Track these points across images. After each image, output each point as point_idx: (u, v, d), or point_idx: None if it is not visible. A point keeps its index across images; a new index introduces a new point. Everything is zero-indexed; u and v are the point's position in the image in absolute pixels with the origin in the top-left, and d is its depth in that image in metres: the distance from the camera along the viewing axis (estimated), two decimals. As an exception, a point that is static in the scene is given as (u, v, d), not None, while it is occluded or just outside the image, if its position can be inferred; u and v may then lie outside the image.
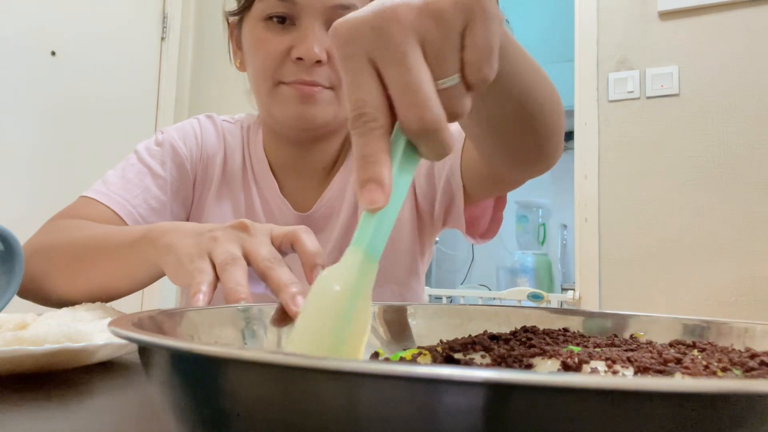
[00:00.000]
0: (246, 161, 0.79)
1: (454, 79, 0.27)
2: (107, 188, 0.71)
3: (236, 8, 0.72)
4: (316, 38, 0.65)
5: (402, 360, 0.34)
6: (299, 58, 0.65)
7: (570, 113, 2.03)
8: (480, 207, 0.73)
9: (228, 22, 0.76)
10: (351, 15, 0.28)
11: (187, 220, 0.78)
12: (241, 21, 0.72)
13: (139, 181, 0.72)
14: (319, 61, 0.65)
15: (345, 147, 0.79)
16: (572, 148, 1.94)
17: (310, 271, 0.45)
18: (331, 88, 0.68)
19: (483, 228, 0.74)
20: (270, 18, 0.67)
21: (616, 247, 1.77)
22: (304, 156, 0.76)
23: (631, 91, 1.82)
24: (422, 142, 0.26)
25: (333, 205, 0.77)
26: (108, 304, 0.60)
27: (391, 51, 0.26)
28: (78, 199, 0.72)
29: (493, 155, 0.54)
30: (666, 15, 1.80)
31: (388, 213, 0.25)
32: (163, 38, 2.35)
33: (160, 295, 2.19)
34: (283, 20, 0.66)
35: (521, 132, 0.49)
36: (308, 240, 0.47)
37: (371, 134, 0.26)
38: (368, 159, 0.26)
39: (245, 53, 0.72)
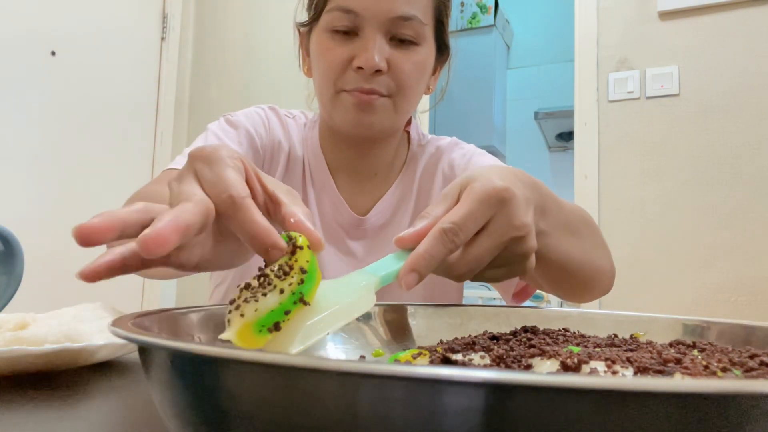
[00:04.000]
0: (304, 158, 0.81)
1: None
2: None
3: (306, 20, 0.76)
4: (377, 48, 0.67)
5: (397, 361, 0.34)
6: (360, 67, 0.68)
7: (570, 113, 2.03)
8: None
9: (299, 32, 0.80)
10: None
11: None
12: (310, 31, 0.76)
13: None
14: (379, 71, 0.68)
15: (399, 154, 0.82)
16: (572, 148, 1.94)
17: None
18: (389, 96, 0.70)
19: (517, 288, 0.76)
20: (335, 29, 0.70)
21: (616, 247, 1.76)
22: (360, 157, 0.79)
23: (631, 91, 1.82)
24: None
25: (388, 215, 0.80)
26: (108, 304, 0.60)
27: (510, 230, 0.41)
28: (161, 173, 0.72)
29: (548, 291, 0.64)
30: (666, 15, 1.80)
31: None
32: (163, 38, 2.35)
33: (160, 295, 2.19)
34: (348, 31, 0.69)
35: (568, 284, 0.59)
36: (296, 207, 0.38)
37: (448, 246, 0.38)
38: (429, 256, 0.37)
39: (312, 61, 0.76)
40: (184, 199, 0.32)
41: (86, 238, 0.29)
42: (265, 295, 0.30)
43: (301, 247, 0.32)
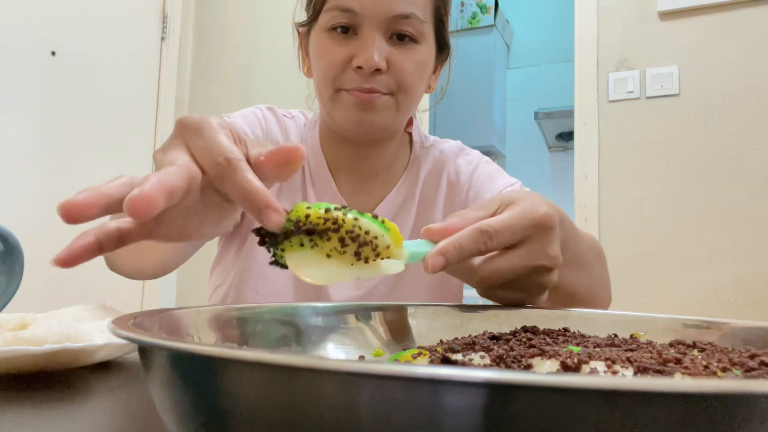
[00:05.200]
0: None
1: None
2: None
3: (305, 20, 0.76)
4: (376, 47, 0.67)
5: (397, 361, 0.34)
6: (359, 67, 0.67)
7: (570, 113, 2.03)
8: None
9: (298, 32, 0.79)
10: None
11: None
12: (309, 31, 0.75)
13: None
14: (378, 70, 0.67)
15: (401, 155, 0.82)
16: (572, 148, 1.94)
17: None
18: (390, 94, 0.70)
19: None
20: (334, 28, 0.69)
21: (616, 247, 1.77)
22: (361, 157, 0.78)
23: (631, 91, 1.82)
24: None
25: (389, 217, 0.79)
26: (108, 304, 0.60)
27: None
28: None
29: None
30: (666, 15, 1.80)
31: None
32: (163, 38, 2.35)
33: (160, 295, 2.19)
34: (347, 30, 0.69)
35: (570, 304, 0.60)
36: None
37: (479, 245, 0.39)
38: (459, 246, 0.38)
39: (311, 61, 0.75)
40: (168, 164, 0.32)
41: (72, 214, 0.28)
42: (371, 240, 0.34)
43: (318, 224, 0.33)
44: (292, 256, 0.33)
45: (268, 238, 0.33)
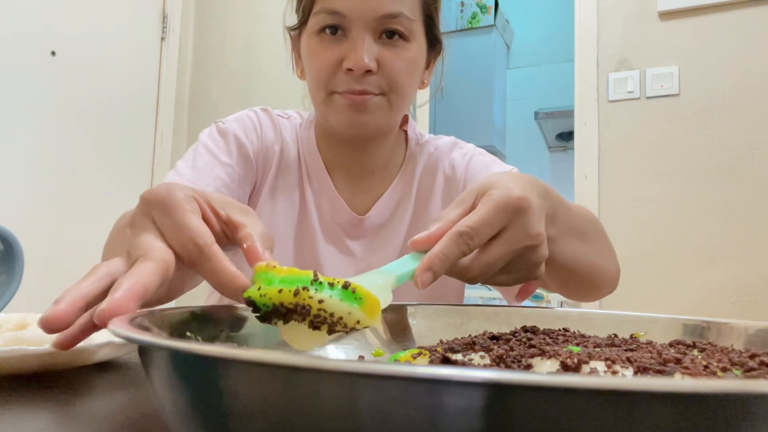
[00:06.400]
0: (301, 158, 0.81)
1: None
2: (180, 178, 0.71)
3: (296, 23, 0.76)
4: (365, 49, 0.67)
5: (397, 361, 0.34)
6: (349, 69, 0.67)
7: (570, 113, 2.03)
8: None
9: (290, 36, 0.79)
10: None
11: None
12: (300, 34, 0.76)
13: (210, 170, 0.73)
14: (369, 71, 0.67)
15: (397, 152, 0.82)
16: (572, 148, 1.94)
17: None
18: (382, 94, 0.70)
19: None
20: (323, 30, 0.69)
21: (615, 247, 1.76)
22: (356, 155, 0.79)
23: (631, 91, 1.82)
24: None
25: (387, 214, 0.80)
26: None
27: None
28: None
29: (554, 291, 0.65)
30: (666, 15, 1.80)
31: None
32: (163, 38, 2.35)
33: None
34: (335, 32, 0.69)
35: (574, 285, 0.60)
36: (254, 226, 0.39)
37: (462, 248, 0.39)
38: (444, 256, 0.38)
39: (303, 64, 0.76)
40: (142, 255, 0.33)
41: (54, 327, 0.30)
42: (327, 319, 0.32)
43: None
44: (284, 329, 0.33)
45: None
